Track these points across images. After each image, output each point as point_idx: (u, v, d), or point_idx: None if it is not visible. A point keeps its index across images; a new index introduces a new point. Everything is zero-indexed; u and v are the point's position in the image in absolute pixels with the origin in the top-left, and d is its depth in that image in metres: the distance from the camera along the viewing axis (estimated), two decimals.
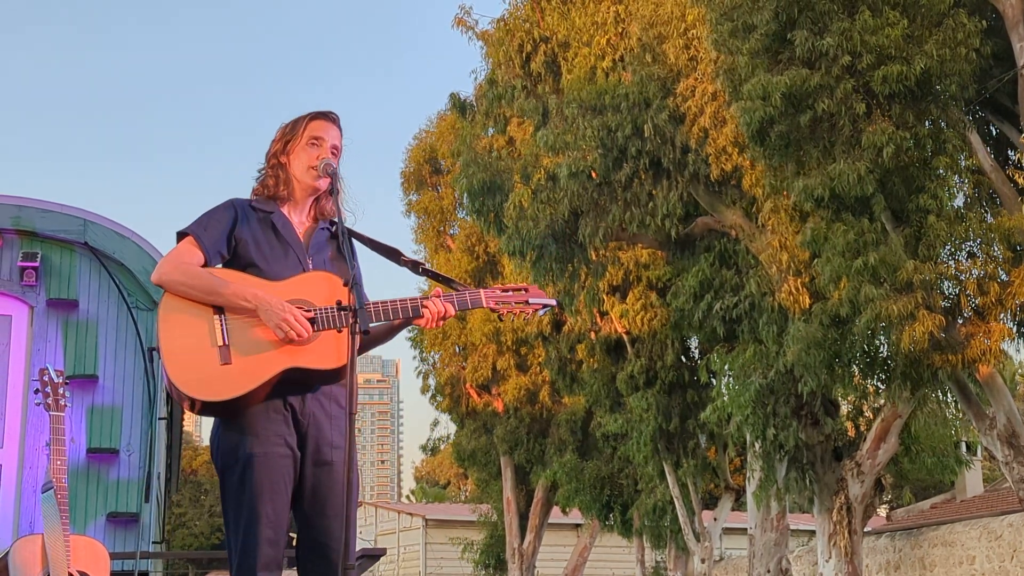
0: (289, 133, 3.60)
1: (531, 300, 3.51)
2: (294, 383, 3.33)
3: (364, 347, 3.58)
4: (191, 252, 3.44)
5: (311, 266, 3.48)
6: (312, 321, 3.31)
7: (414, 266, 3.67)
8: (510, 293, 3.51)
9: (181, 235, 3.48)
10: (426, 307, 3.41)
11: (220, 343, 3.30)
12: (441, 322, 3.42)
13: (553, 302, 3.58)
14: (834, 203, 11.26)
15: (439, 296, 3.45)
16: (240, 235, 3.50)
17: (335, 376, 3.33)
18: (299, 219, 3.59)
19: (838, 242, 11.10)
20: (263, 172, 3.62)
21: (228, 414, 3.36)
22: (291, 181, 3.57)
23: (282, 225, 3.54)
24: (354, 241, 3.61)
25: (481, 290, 3.49)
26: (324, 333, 3.30)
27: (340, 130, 3.62)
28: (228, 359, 3.28)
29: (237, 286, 3.35)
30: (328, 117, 3.61)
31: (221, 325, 3.32)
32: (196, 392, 3.28)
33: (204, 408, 3.32)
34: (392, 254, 3.64)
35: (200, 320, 3.34)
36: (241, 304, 3.32)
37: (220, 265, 3.48)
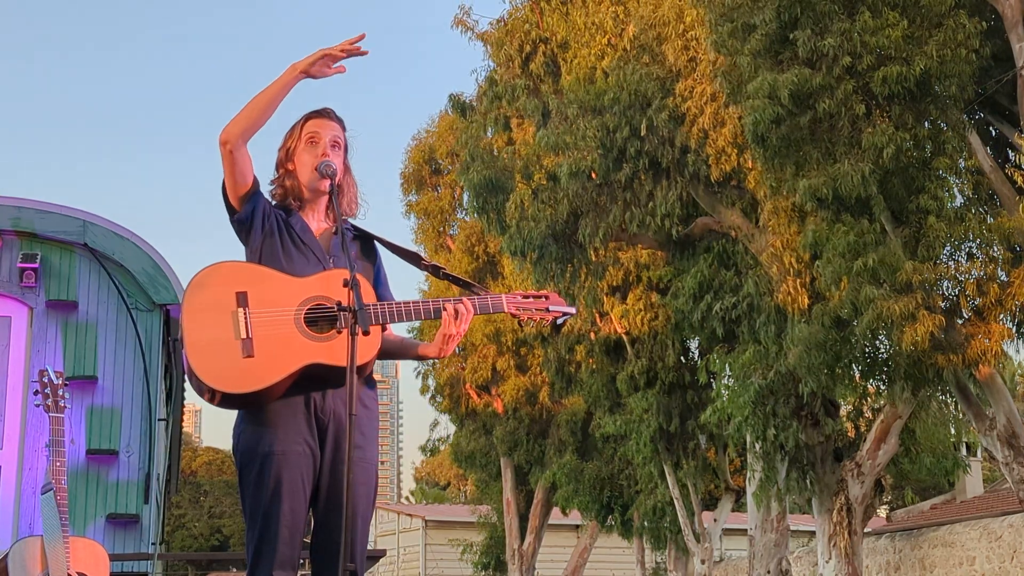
0: (289, 139, 3.58)
1: (551, 308, 3.52)
2: (315, 380, 3.32)
3: (390, 355, 3.59)
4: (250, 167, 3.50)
5: (332, 266, 3.46)
6: (333, 318, 3.30)
7: (435, 270, 3.68)
8: (531, 300, 3.51)
9: None
10: (446, 308, 3.39)
11: (244, 336, 3.28)
12: (462, 326, 3.39)
13: (573, 310, 3.58)
14: (835, 204, 11.25)
15: (460, 298, 3.45)
16: (270, 227, 3.49)
17: (357, 374, 3.29)
18: (317, 222, 3.57)
19: (839, 243, 11.09)
20: (273, 183, 3.61)
21: (248, 407, 3.35)
22: (299, 188, 3.55)
23: (301, 229, 3.53)
24: (377, 244, 3.64)
25: (503, 295, 3.49)
26: (347, 331, 3.30)
27: (339, 123, 3.60)
28: (251, 352, 3.27)
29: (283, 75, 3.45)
30: (322, 113, 3.59)
31: (245, 318, 3.31)
32: (217, 383, 3.27)
33: (224, 400, 3.31)
34: (413, 258, 3.65)
35: (224, 313, 3.33)
36: (287, 77, 3.42)
37: (250, 216, 3.50)
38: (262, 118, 3.41)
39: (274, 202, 3.59)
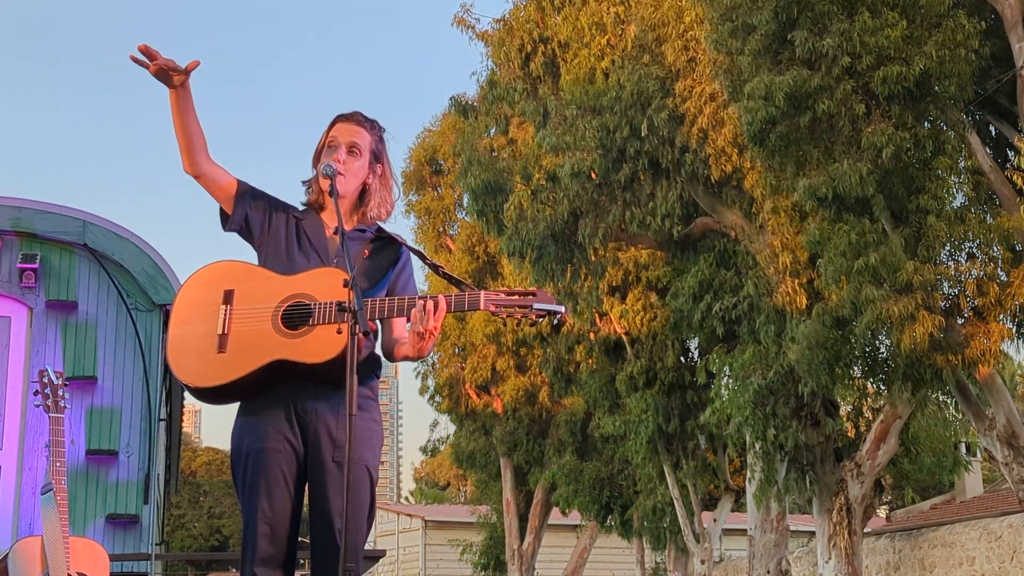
0: (319, 142, 3.64)
1: (536, 306, 3.38)
2: (287, 377, 3.33)
3: (387, 356, 3.59)
4: (228, 178, 3.54)
5: (336, 266, 3.46)
6: (309, 315, 3.31)
7: (435, 268, 3.69)
8: (515, 297, 3.40)
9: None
10: (415, 304, 3.35)
11: (220, 331, 3.34)
12: (433, 323, 3.32)
13: (561, 309, 3.43)
14: (835, 203, 11.26)
15: (434, 295, 3.41)
16: (275, 228, 3.54)
17: (321, 372, 3.29)
18: (335, 224, 3.56)
19: (840, 242, 11.10)
20: (305, 183, 3.67)
21: (222, 401, 3.40)
22: (318, 189, 3.61)
23: (312, 231, 3.56)
24: (405, 249, 3.64)
25: (481, 292, 3.39)
26: (319, 328, 3.29)
27: (366, 128, 3.61)
28: (223, 347, 3.33)
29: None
30: (347, 117, 3.62)
31: (225, 315, 3.37)
32: (185, 377, 3.36)
33: (196, 394, 3.39)
34: (417, 255, 3.67)
35: (208, 310, 3.39)
36: (169, 96, 3.39)
37: (242, 223, 3.55)
38: (189, 136, 3.43)
39: (305, 203, 3.65)
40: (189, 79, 3.36)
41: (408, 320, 3.43)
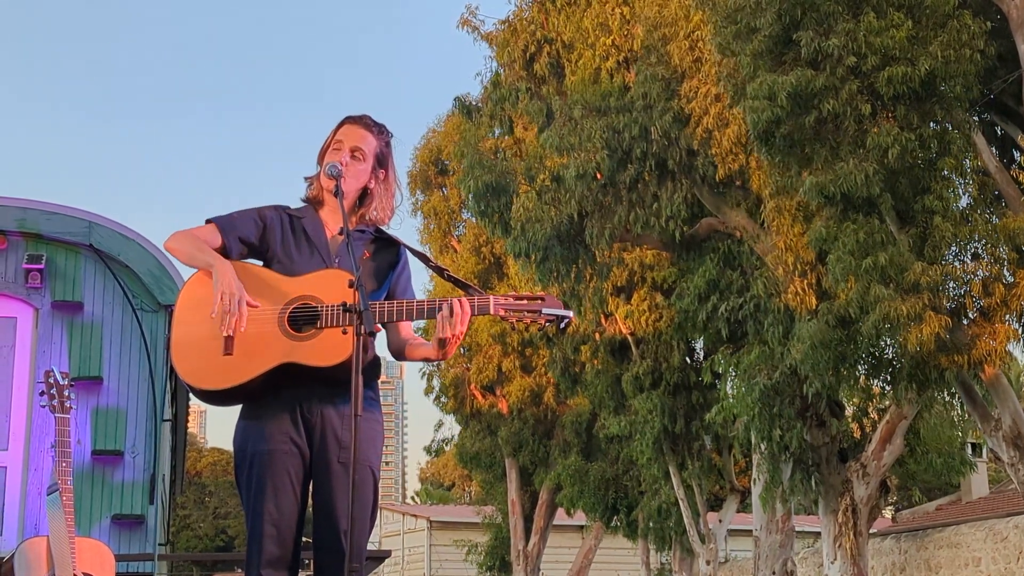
0: (325, 141, 3.66)
1: (544, 311, 3.41)
2: (295, 379, 3.34)
3: (400, 356, 3.60)
4: (208, 231, 3.51)
5: (337, 266, 3.48)
6: (316, 318, 3.32)
7: (439, 271, 3.70)
8: (524, 302, 3.42)
9: (208, 222, 3.57)
10: (441, 308, 3.36)
11: (226, 334, 3.33)
12: (460, 327, 3.34)
13: (569, 314, 3.45)
14: (842, 202, 11.24)
15: (458, 298, 3.42)
16: (271, 235, 3.55)
17: (332, 374, 3.30)
18: (335, 223, 3.58)
19: (848, 241, 11.08)
20: (307, 179, 3.68)
21: (227, 403, 3.40)
22: (320, 188, 3.61)
23: (312, 229, 3.57)
24: (403, 250, 3.65)
25: (491, 296, 3.42)
26: (328, 331, 3.30)
27: (373, 133, 3.62)
28: (230, 350, 3.32)
29: (216, 258, 3.41)
30: (356, 120, 3.64)
31: None
32: (192, 380, 3.36)
33: (203, 396, 3.39)
34: (420, 258, 3.68)
35: (212, 311, 3.37)
36: (207, 267, 3.40)
37: (242, 248, 3.54)
38: (187, 262, 3.51)
39: (304, 199, 3.66)
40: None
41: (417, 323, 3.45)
